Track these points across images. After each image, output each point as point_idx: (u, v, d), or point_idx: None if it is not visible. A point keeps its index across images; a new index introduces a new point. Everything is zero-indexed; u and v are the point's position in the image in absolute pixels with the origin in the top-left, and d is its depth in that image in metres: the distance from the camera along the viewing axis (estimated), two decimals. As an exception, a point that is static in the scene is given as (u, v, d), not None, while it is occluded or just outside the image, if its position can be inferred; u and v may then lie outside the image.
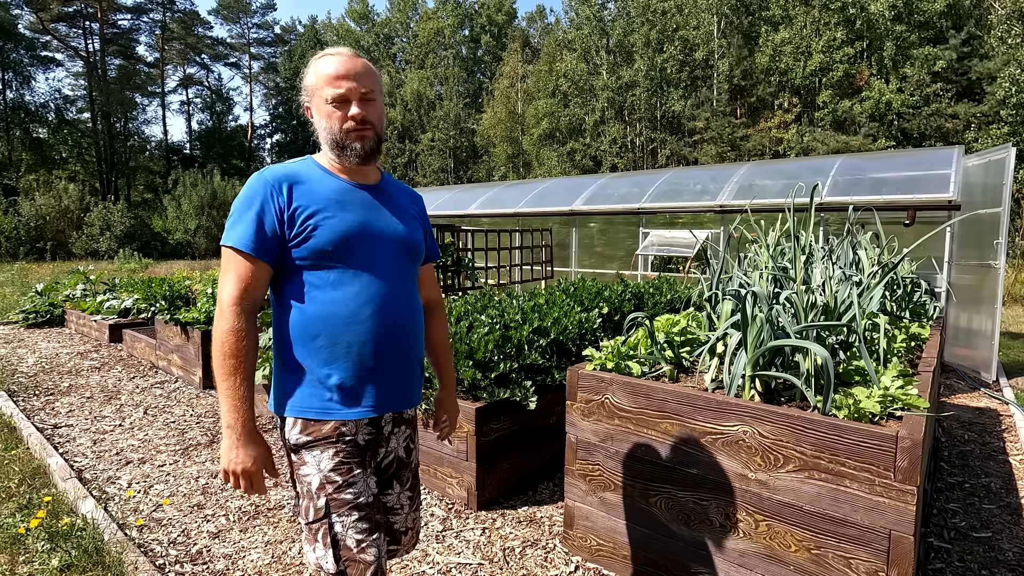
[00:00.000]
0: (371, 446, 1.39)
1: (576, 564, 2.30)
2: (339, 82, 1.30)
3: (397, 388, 1.40)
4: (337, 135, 1.33)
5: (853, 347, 2.18)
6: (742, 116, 26.80)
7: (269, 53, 47.16)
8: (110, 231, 27.15)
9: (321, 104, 1.33)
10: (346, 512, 1.28)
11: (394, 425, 1.46)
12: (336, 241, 1.30)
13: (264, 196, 1.29)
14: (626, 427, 2.12)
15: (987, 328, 5.54)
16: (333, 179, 1.37)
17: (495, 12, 40.46)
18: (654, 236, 7.83)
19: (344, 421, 1.32)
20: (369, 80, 1.34)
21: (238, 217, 1.29)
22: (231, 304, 1.27)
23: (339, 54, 1.33)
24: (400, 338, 1.39)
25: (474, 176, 36.57)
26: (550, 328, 3.27)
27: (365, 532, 1.29)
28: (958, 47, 20.72)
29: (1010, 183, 5.24)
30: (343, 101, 1.31)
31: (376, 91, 1.36)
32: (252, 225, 1.28)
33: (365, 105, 1.33)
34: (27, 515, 2.65)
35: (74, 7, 36.42)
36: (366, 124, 1.33)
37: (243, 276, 1.28)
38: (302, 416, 1.32)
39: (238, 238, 1.28)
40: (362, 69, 1.33)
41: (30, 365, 5.76)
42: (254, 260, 1.28)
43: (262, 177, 1.32)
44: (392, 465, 1.48)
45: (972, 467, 3.36)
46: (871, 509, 1.60)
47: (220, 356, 1.25)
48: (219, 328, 1.26)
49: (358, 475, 1.32)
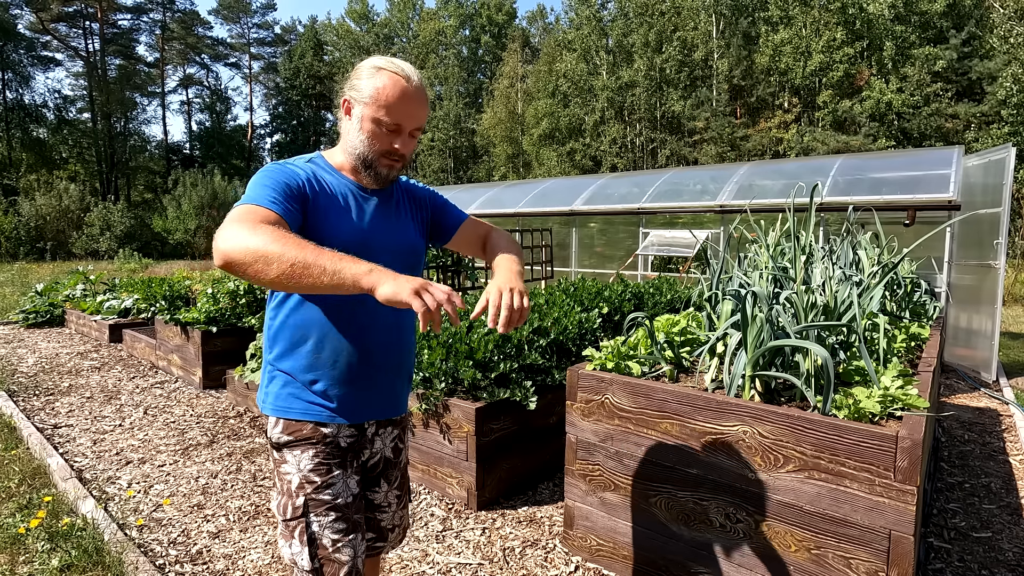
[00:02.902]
0: (353, 448, 1.39)
1: (576, 564, 2.30)
2: (400, 114, 1.25)
3: (380, 399, 1.40)
4: (370, 156, 1.30)
5: (853, 347, 2.18)
6: (742, 116, 26.81)
7: (269, 53, 47.21)
8: (110, 231, 27.16)
9: (368, 119, 1.26)
10: (323, 512, 1.29)
11: (378, 427, 1.46)
12: (338, 245, 1.27)
13: (291, 179, 1.23)
14: (626, 427, 2.12)
15: (987, 328, 5.53)
16: (342, 180, 1.34)
17: (495, 12, 40.45)
18: (654, 236, 7.83)
19: (325, 423, 1.33)
20: (424, 116, 1.31)
21: (258, 187, 1.19)
22: (248, 218, 1.07)
23: (410, 81, 1.26)
24: (387, 349, 1.38)
25: (474, 176, 36.56)
26: (550, 328, 3.27)
27: (341, 532, 1.30)
28: (958, 47, 20.73)
29: (1010, 183, 5.24)
30: (394, 131, 1.28)
31: (424, 124, 1.33)
32: (271, 189, 1.18)
33: (411, 141, 1.31)
34: (27, 515, 2.65)
35: (74, 7, 36.46)
36: (402, 157, 1.32)
37: (260, 213, 1.11)
38: (284, 416, 1.33)
39: (254, 197, 1.15)
40: (423, 104, 1.29)
41: (30, 365, 5.76)
42: (272, 212, 1.13)
43: (281, 164, 1.28)
44: (379, 465, 1.48)
45: (972, 467, 3.36)
46: (871, 509, 1.60)
47: (285, 243, 1.01)
48: (253, 232, 1.03)
49: (337, 476, 1.32)
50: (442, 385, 2.82)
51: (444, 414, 2.83)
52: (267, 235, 1.03)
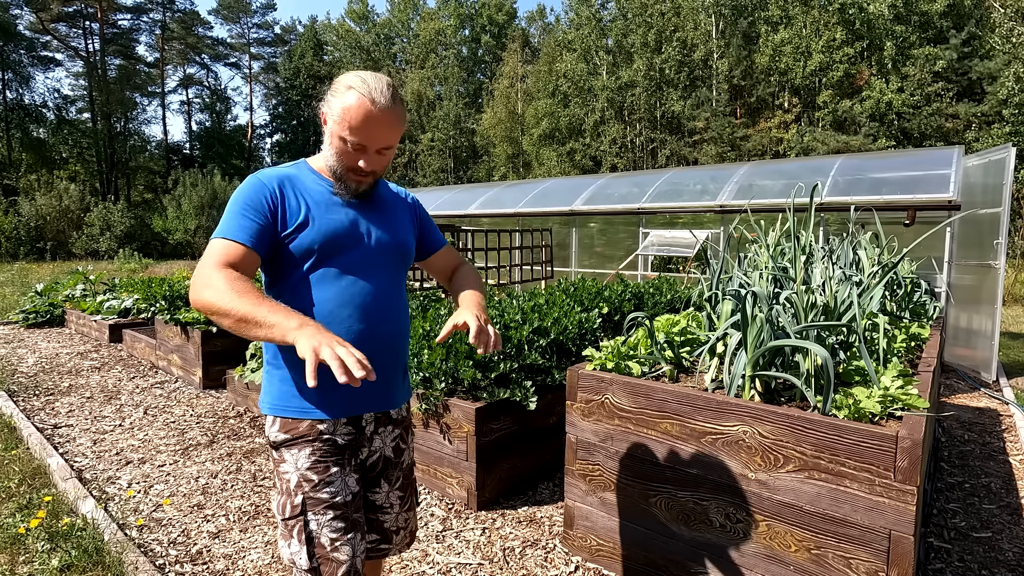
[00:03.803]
0: (352, 446, 1.39)
1: (576, 564, 2.30)
2: (362, 134, 1.27)
3: (375, 390, 1.41)
4: (338, 170, 1.34)
5: (853, 347, 2.18)
6: (742, 116, 26.80)
7: (269, 53, 47.17)
8: (110, 231, 27.14)
9: (335, 136, 1.30)
10: (321, 511, 1.29)
11: (377, 425, 1.46)
12: (322, 240, 1.31)
13: (257, 194, 1.30)
14: (626, 427, 2.12)
15: (987, 328, 5.53)
16: (326, 183, 1.38)
17: (495, 12, 40.43)
18: (654, 236, 7.83)
19: (321, 419, 1.34)
20: (393, 136, 1.31)
21: (228, 215, 1.28)
22: (214, 265, 1.19)
23: (375, 104, 1.25)
24: (380, 341, 1.39)
25: (474, 176, 36.56)
26: (550, 328, 3.27)
27: (340, 531, 1.30)
28: (958, 47, 20.72)
29: (1010, 183, 5.24)
30: (358, 150, 1.30)
31: (395, 146, 1.34)
32: (242, 218, 1.26)
33: (377, 158, 1.33)
34: (27, 515, 2.65)
35: (74, 7, 36.43)
36: (370, 174, 1.35)
37: (229, 253, 1.22)
38: (281, 414, 1.34)
39: (227, 230, 1.25)
40: (391, 125, 1.29)
41: (30, 365, 5.76)
42: (242, 246, 1.24)
43: (255, 178, 1.33)
44: (378, 464, 1.48)
45: (972, 467, 3.36)
46: (871, 509, 1.60)
47: (232, 298, 1.11)
48: (210, 285, 1.15)
49: (335, 474, 1.33)
50: (442, 385, 2.82)
51: (444, 414, 2.83)
52: (222, 288, 1.14)
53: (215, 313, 1.13)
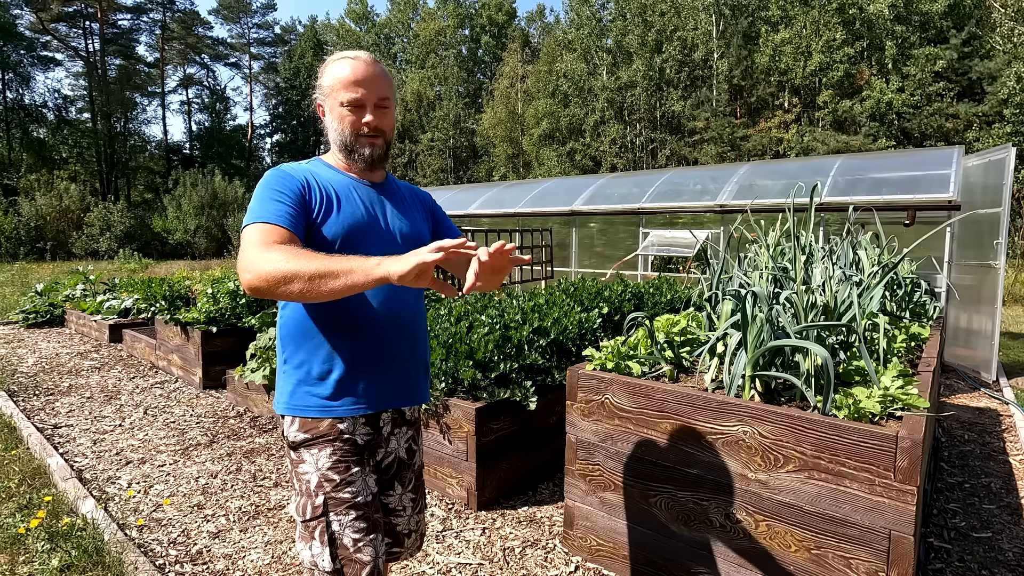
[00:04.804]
0: (370, 446, 1.38)
1: (576, 564, 2.30)
2: (355, 87, 1.30)
3: (397, 385, 1.40)
4: (348, 139, 1.34)
5: (853, 347, 2.17)
6: (742, 116, 26.80)
7: (269, 53, 47.17)
8: (110, 231, 27.15)
9: (335, 106, 1.33)
10: (343, 511, 1.28)
11: (394, 426, 1.46)
12: (343, 233, 1.31)
13: (288, 181, 1.29)
14: (626, 427, 2.12)
15: (987, 328, 5.53)
16: (342, 176, 1.39)
17: (495, 12, 40.44)
18: (654, 236, 7.83)
19: (341, 418, 1.32)
20: (385, 88, 1.34)
21: (260, 200, 1.24)
22: (260, 244, 1.14)
23: (358, 59, 1.32)
24: (400, 335, 1.39)
25: (474, 176, 36.55)
26: (550, 328, 3.27)
27: (362, 532, 1.29)
28: (959, 47, 20.72)
29: (1010, 183, 5.24)
30: (358, 106, 1.32)
31: (391, 99, 1.36)
32: (276, 204, 1.23)
33: (379, 113, 1.34)
34: (27, 515, 2.65)
35: (74, 7, 36.42)
36: (377, 132, 1.35)
37: (271, 235, 1.17)
38: (300, 414, 1.32)
39: (263, 213, 1.21)
40: (380, 76, 1.33)
41: (30, 365, 5.76)
42: (283, 228, 1.19)
43: (280, 169, 1.33)
44: (393, 466, 1.47)
45: (972, 467, 3.36)
46: (871, 509, 1.60)
47: (297, 260, 1.07)
48: (266, 259, 1.09)
49: (356, 474, 1.32)
50: (442, 385, 2.82)
51: (444, 414, 2.83)
52: (282, 256, 1.09)
53: (282, 280, 1.06)
